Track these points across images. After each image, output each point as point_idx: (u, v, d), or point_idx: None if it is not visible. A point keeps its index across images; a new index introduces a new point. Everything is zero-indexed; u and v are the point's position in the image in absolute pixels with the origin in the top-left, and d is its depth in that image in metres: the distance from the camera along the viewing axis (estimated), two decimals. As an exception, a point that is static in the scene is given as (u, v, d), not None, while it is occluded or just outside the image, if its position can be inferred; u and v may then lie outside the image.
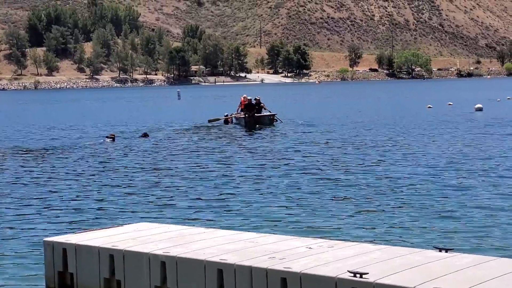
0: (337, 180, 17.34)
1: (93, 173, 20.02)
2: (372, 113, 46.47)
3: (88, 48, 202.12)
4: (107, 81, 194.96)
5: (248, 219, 13.01)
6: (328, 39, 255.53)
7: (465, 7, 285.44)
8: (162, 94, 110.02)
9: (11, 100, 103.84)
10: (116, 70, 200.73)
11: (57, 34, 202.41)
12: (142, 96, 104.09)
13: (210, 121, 40.08)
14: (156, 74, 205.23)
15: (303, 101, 72.60)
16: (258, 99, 38.69)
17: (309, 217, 13.06)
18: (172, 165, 21.44)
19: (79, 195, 16.22)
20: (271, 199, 15.02)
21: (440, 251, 6.95)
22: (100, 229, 8.56)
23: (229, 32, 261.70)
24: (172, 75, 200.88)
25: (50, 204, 15.16)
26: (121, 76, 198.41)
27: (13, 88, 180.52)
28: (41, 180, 18.91)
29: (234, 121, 39.42)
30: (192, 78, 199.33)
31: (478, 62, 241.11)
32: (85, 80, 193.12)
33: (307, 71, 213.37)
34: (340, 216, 13.09)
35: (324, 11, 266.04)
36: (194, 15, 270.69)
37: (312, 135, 30.91)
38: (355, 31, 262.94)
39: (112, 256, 7.44)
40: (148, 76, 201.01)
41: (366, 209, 13.66)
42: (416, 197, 14.76)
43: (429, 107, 51.02)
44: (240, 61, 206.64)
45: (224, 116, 40.17)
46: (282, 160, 21.90)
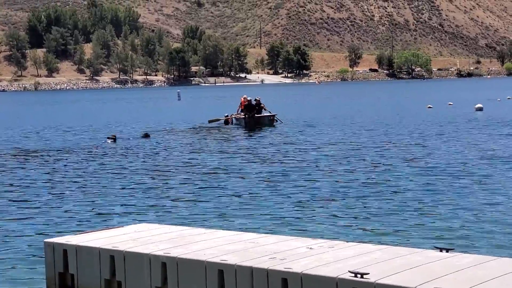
0: (337, 180, 17.33)
1: (94, 174, 20.02)
2: (372, 114, 46.46)
3: (88, 49, 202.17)
4: (107, 82, 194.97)
5: (249, 220, 13.00)
6: (328, 40, 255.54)
7: (465, 7, 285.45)
8: (162, 95, 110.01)
9: (11, 102, 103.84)
10: (116, 71, 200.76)
11: (57, 35, 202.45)
12: (142, 97, 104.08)
13: (210, 122, 40.09)
14: (156, 75, 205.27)
15: (303, 102, 72.59)
16: (258, 100, 38.73)
17: (310, 218, 13.06)
18: (172, 166, 21.43)
19: (80, 196, 16.22)
20: (272, 200, 15.01)
21: (441, 251, 6.95)
22: (101, 230, 8.56)
23: (229, 33, 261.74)
24: (172, 76, 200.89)
25: (51, 205, 15.16)
26: (121, 77, 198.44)
27: (13, 90, 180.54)
28: (42, 181, 18.91)
29: (234, 122, 39.43)
30: (192, 79, 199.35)
31: (478, 62, 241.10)
32: (85, 81, 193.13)
33: (307, 72, 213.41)
34: (341, 216, 13.09)
35: (324, 12, 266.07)
36: (194, 16, 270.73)
37: (312, 136, 30.91)
38: (355, 32, 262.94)
39: (113, 257, 7.44)
40: (148, 77, 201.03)
41: (367, 209, 13.66)
42: (417, 197, 14.75)
43: (429, 107, 51.02)
44: (240, 62, 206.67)
45: (224, 117, 40.18)
46: (282, 161, 21.89)
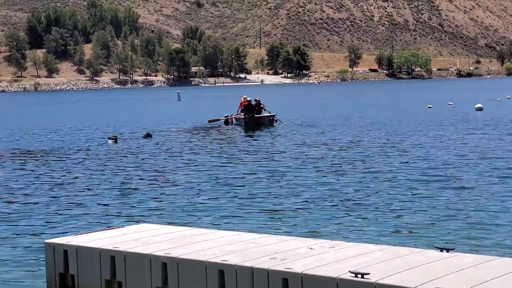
0: (338, 181, 17.33)
1: (94, 175, 20.02)
2: (372, 114, 46.45)
3: (88, 50, 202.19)
4: (107, 83, 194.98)
5: (249, 220, 13.01)
6: (328, 40, 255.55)
7: (465, 7, 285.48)
8: (162, 96, 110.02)
9: (11, 102, 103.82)
10: (116, 72, 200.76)
11: (57, 36, 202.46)
12: (142, 98, 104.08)
13: (210, 122, 40.12)
14: (156, 76, 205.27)
15: (303, 102, 72.58)
16: (258, 100, 38.77)
17: (310, 218, 13.06)
18: (172, 166, 21.43)
19: (80, 197, 16.22)
20: (272, 200, 15.02)
21: (441, 251, 6.95)
22: (101, 231, 8.56)
23: (229, 33, 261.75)
24: (172, 76, 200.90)
25: (52, 206, 15.16)
26: (121, 78, 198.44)
27: (13, 90, 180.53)
28: (42, 182, 18.91)
29: (234, 122, 39.46)
30: (192, 79, 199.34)
31: (478, 62, 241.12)
32: (85, 82, 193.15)
33: (307, 72, 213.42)
34: (341, 217, 13.09)
35: (324, 12, 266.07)
36: (194, 16, 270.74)
37: (312, 136, 30.90)
38: (355, 32, 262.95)
39: (113, 258, 7.44)
40: (148, 78, 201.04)
41: (367, 210, 13.66)
42: (417, 197, 14.76)
43: (429, 107, 51.02)
44: (240, 62, 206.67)
45: (224, 117, 40.21)
46: (282, 161, 21.90)
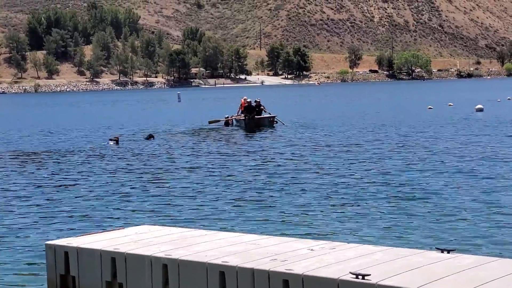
0: (338, 182, 17.33)
1: (95, 176, 20.02)
2: (373, 115, 46.46)
3: (88, 51, 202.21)
4: (107, 84, 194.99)
5: (250, 221, 13.01)
6: (328, 41, 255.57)
7: (465, 8, 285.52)
8: (163, 97, 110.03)
9: (12, 104, 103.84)
10: (116, 73, 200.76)
11: (57, 37, 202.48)
12: (142, 99, 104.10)
13: (210, 123, 40.14)
14: (156, 77, 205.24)
15: (303, 103, 72.57)
16: (258, 101, 38.84)
17: (311, 219, 13.06)
18: (173, 168, 21.44)
19: (81, 198, 16.22)
20: (273, 201, 15.01)
21: (442, 252, 6.94)
22: (102, 232, 8.55)
23: (229, 34, 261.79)
24: (172, 78, 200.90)
25: (52, 207, 15.16)
26: (121, 79, 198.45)
27: (13, 92, 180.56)
28: (43, 183, 18.91)
29: (235, 123, 39.49)
30: (192, 81, 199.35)
31: (478, 63, 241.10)
32: (85, 83, 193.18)
33: (307, 73, 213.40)
34: (342, 218, 13.09)
35: (324, 13, 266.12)
36: (194, 18, 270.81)
37: (313, 137, 30.91)
38: (355, 33, 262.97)
39: (114, 259, 7.43)
40: (148, 79, 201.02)
41: (368, 211, 13.66)
42: (418, 198, 14.76)
43: (430, 108, 51.03)
44: (240, 63, 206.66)
45: (225, 118, 40.25)
46: (283, 162, 21.89)
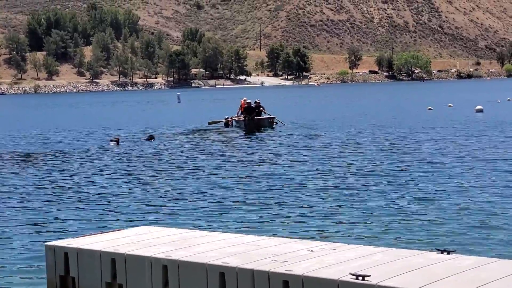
0: (338, 183, 17.33)
1: (96, 177, 20.02)
2: (373, 115, 46.46)
3: (88, 52, 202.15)
4: (107, 85, 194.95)
5: (250, 222, 13.00)
6: (328, 42, 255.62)
7: (465, 9, 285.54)
8: (162, 98, 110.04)
9: (11, 104, 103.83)
10: (116, 74, 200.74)
11: (57, 38, 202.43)
12: (142, 100, 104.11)
13: (210, 124, 40.14)
14: (156, 78, 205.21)
15: (303, 104, 72.57)
16: (258, 102, 38.93)
17: (311, 220, 13.05)
18: (173, 168, 21.44)
19: (81, 199, 16.22)
20: (273, 202, 15.01)
21: (442, 253, 6.94)
22: (102, 233, 8.55)
23: (229, 35, 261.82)
24: (172, 79, 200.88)
25: (52, 208, 15.16)
26: (121, 80, 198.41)
27: (13, 93, 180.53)
28: (43, 184, 18.91)
29: (234, 124, 39.52)
30: (192, 81, 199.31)
31: (478, 64, 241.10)
32: (85, 84, 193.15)
33: (307, 74, 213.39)
34: (342, 219, 13.09)
35: (324, 14, 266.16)
36: (194, 18, 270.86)
37: (312, 138, 30.90)
38: (355, 33, 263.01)
39: (114, 260, 7.43)
40: (148, 80, 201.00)
41: (368, 211, 13.65)
42: (417, 199, 14.75)
43: (430, 109, 51.03)
44: (240, 64, 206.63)
45: (225, 119, 40.27)
46: (283, 163, 21.90)
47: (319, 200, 15.01)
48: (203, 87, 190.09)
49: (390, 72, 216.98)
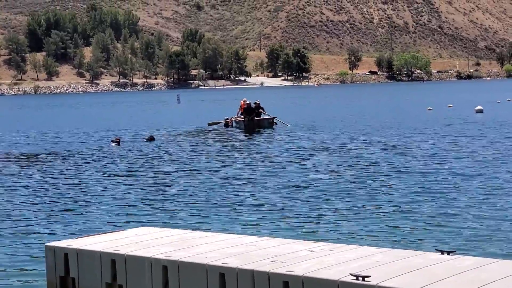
0: (338, 183, 17.33)
1: (96, 177, 20.02)
2: (372, 116, 46.45)
3: (88, 53, 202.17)
4: (107, 86, 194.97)
5: (250, 223, 13.00)
6: (328, 42, 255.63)
7: (464, 9, 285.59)
8: (162, 98, 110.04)
9: (11, 105, 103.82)
10: (116, 75, 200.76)
11: (57, 39, 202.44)
12: (142, 100, 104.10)
13: (210, 125, 40.14)
14: (156, 78, 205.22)
15: (303, 104, 72.56)
16: (258, 103, 38.97)
17: (311, 221, 13.05)
18: (173, 169, 21.44)
19: (81, 200, 16.22)
20: (273, 203, 15.01)
21: (442, 254, 6.94)
22: (102, 234, 8.55)
23: (229, 36, 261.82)
24: (172, 79, 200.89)
25: (52, 209, 15.16)
26: (121, 81, 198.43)
27: (13, 93, 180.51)
28: (43, 185, 18.91)
29: (234, 125, 39.54)
30: (192, 82, 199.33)
31: (478, 64, 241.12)
32: (85, 85, 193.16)
33: (307, 74, 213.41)
34: (342, 219, 13.09)
35: (324, 14, 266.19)
36: (194, 19, 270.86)
37: (312, 138, 30.90)
38: (355, 34, 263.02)
39: (114, 261, 7.43)
40: (148, 80, 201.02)
41: (368, 212, 13.65)
42: (417, 200, 14.75)
43: (430, 110, 51.03)
44: (240, 65, 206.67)
45: (224, 120, 40.28)
46: (282, 164, 21.89)
47: (319, 201, 15.01)
48: (203, 88, 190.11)
49: (390, 73, 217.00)
